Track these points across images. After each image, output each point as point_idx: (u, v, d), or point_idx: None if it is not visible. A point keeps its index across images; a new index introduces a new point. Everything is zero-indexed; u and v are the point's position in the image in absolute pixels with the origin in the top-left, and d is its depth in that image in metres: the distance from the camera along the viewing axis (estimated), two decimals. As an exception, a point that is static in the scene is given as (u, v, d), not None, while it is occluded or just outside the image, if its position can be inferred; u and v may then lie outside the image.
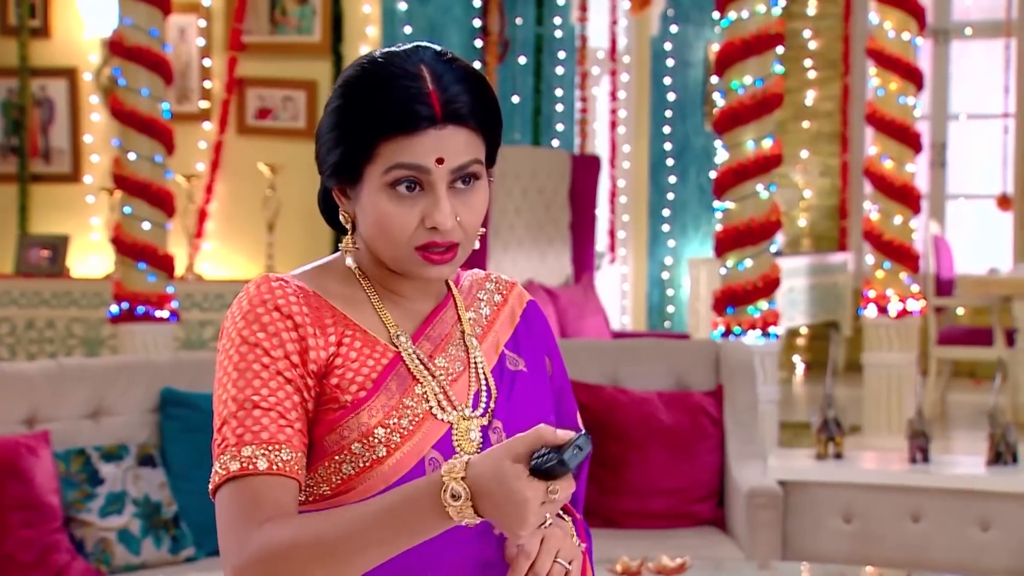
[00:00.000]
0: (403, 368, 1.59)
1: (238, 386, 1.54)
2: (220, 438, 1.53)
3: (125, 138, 5.86)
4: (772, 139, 5.73)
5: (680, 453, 4.51)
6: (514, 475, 1.41)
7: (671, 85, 9.52)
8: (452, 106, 1.54)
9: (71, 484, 3.97)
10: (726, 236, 5.71)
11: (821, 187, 10.43)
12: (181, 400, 4.29)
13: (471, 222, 1.58)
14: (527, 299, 1.75)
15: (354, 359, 1.58)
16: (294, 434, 1.53)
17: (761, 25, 5.68)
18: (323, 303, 1.60)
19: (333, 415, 1.55)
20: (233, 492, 1.50)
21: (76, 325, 7.13)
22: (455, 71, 1.56)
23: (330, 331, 1.58)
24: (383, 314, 1.62)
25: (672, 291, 9.68)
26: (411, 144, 1.54)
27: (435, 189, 1.55)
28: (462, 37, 7.77)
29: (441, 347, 1.63)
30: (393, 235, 1.56)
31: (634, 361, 4.73)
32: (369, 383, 1.57)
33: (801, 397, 9.07)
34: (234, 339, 1.56)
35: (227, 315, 1.59)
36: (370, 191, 1.57)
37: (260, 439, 1.51)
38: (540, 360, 1.71)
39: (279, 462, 1.51)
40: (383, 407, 1.56)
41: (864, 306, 6.60)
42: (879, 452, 5.36)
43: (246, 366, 1.54)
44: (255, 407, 1.52)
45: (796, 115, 10.33)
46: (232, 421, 1.52)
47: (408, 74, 1.55)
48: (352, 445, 1.54)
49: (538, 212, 7.37)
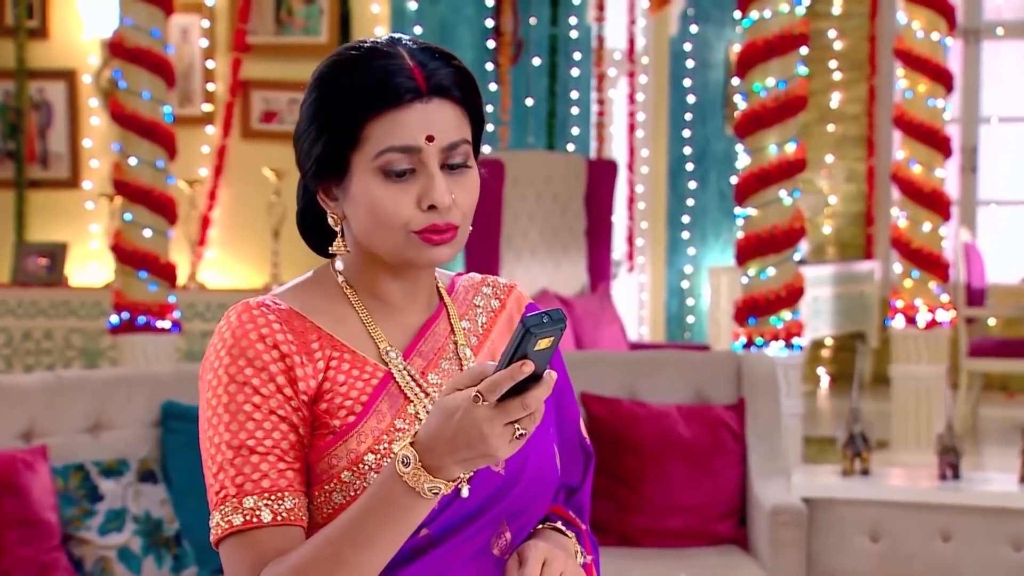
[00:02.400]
0: (394, 387, 1.58)
1: (231, 430, 1.52)
2: (218, 486, 1.52)
3: (126, 142, 5.88)
4: (796, 143, 5.73)
5: (700, 469, 4.51)
6: (453, 406, 1.39)
7: (691, 87, 9.52)
8: (435, 78, 1.55)
9: (70, 501, 3.98)
10: (748, 244, 5.71)
11: (847, 193, 10.41)
12: (183, 414, 4.30)
13: (467, 202, 1.58)
14: (526, 302, 1.74)
15: (342, 382, 1.57)
16: (295, 476, 1.53)
17: (784, 25, 5.68)
18: (308, 324, 1.58)
19: (323, 441, 1.55)
20: (237, 547, 1.51)
21: (75, 336, 7.15)
22: (431, 50, 1.58)
23: (317, 356, 1.57)
24: (372, 329, 1.61)
25: (692, 301, 9.67)
26: (398, 121, 1.54)
27: (428, 167, 1.55)
28: (474, 37, 7.79)
29: (434, 362, 1.62)
30: (389, 221, 1.55)
31: (652, 373, 4.73)
32: (358, 406, 1.56)
33: (826, 411, 9.05)
34: (221, 377, 1.54)
35: (209, 347, 1.58)
36: (360, 180, 1.56)
37: (261, 488, 1.51)
38: None
39: (283, 512, 1.51)
40: (373, 431, 1.55)
41: (892, 316, 6.58)
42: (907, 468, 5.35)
43: (237, 408, 1.53)
44: (252, 452, 1.52)
45: (821, 118, 10.33)
46: (229, 468, 1.52)
47: (386, 54, 1.56)
48: (342, 473, 1.54)
49: (553, 219, 7.38)
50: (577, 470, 1.73)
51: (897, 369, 6.57)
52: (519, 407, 1.38)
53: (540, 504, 1.63)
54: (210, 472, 1.54)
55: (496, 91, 7.83)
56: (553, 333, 1.36)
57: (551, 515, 1.69)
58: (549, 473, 1.63)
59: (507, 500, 1.59)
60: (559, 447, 1.68)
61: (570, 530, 1.68)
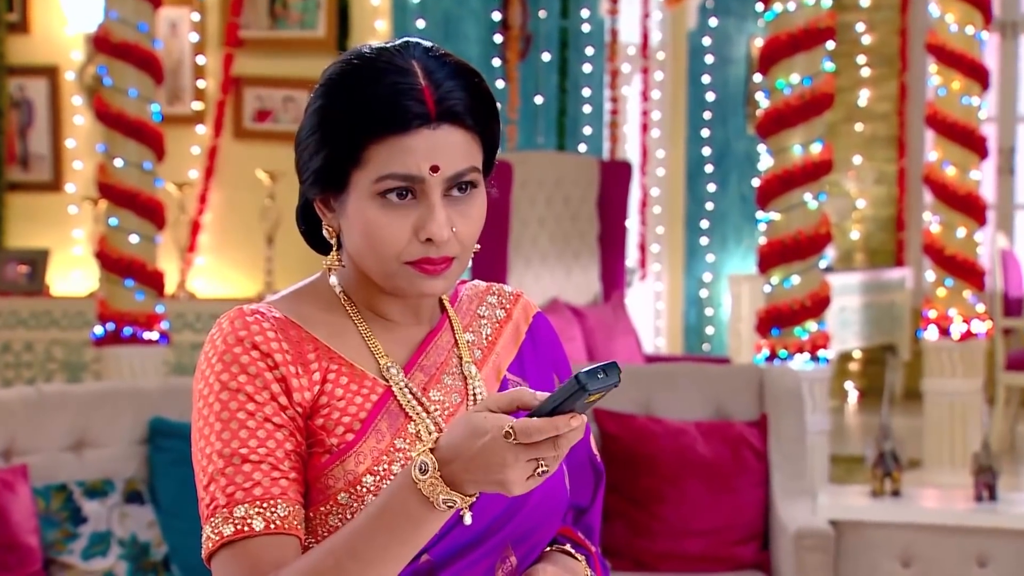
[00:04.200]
0: (394, 404, 1.58)
1: (223, 439, 1.53)
2: (208, 498, 1.52)
3: (111, 143, 5.90)
4: (822, 143, 5.73)
5: (720, 489, 4.51)
6: (483, 427, 1.39)
7: (710, 84, 9.53)
8: (446, 103, 1.54)
9: (51, 523, 3.98)
10: (771, 250, 5.71)
11: (876, 196, 10.41)
12: (172, 430, 4.31)
13: (468, 233, 1.57)
14: (534, 311, 1.74)
15: (340, 396, 1.57)
16: (290, 485, 1.53)
17: (810, 18, 5.68)
18: (304, 334, 1.59)
19: (319, 460, 1.55)
20: (230, 560, 1.50)
21: (57, 348, 7.17)
22: (448, 66, 1.56)
23: (313, 367, 1.57)
24: (371, 343, 1.61)
25: (711, 311, 9.67)
26: (402, 147, 1.53)
27: (429, 197, 1.55)
28: (480, 31, 7.80)
29: (436, 378, 1.62)
30: (383, 248, 1.55)
31: (669, 388, 4.74)
32: (357, 424, 1.56)
33: (854, 428, 9.04)
34: (212, 385, 1.55)
35: (201, 356, 1.58)
36: (357, 199, 1.56)
37: (253, 496, 1.51)
38: (547, 379, 1.70)
39: (276, 519, 1.50)
40: (372, 451, 1.55)
41: (924, 327, 6.58)
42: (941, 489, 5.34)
43: (230, 416, 1.53)
44: (244, 461, 1.51)
45: (848, 117, 10.33)
46: (220, 479, 1.51)
47: (398, 69, 1.54)
48: (339, 495, 1.54)
49: (563, 224, 7.38)
50: (587, 489, 1.74)
51: (930, 383, 6.56)
52: (550, 448, 1.39)
53: (548, 526, 1.64)
54: (201, 485, 1.54)
55: (504, 88, 7.84)
56: (605, 390, 1.37)
57: (559, 537, 1.69)
58: (558, 493, 1.63)
59: (513, 524, 1.59)
60: (568, 465, 1.68)
61: (580, 552, 1.68)
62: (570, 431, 1.39)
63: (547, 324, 1.75)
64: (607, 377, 1.37)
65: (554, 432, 1.38)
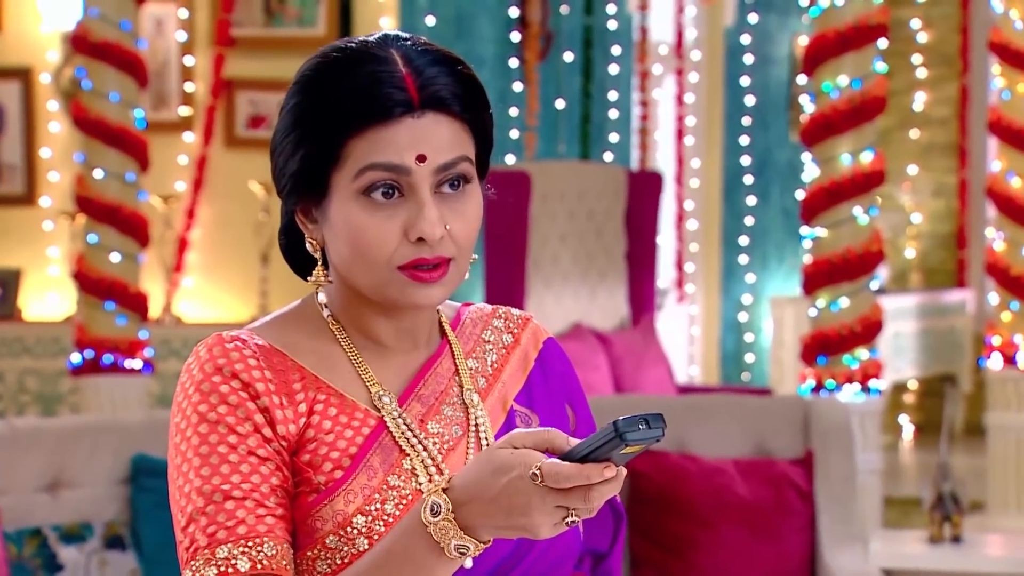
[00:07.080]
0: (387, 438, 1.58)
1: (202, 475, 1.53)
2: (188, 540, 1.52)
3: (90, 152, 5.92)
4: (873, 152, 5.74)
5: (761, 534, 4.50)
6: (507, 465, 1.39)
7: (750, 87, 9.54)
8: (430, 88, 1.55)
9: (24, 571, 4.00)
10: (817, 270, 5.72)
11: (933, 210, 10.41)
12: (156, 469, 4.32)
13: (464, 232, 1.57)
14: (544, 337, 1.74)
15: (328, 430, 1.57)
16: (276, 522, 1.53)
17: (860, 13, 5.69)
18: (289, 363, 1.59)
19: (305, 499, 1.56)
20: None
21: (30, 378, 7.19)
22: (430, 54, 1.58)
23: (299, 398, 1.58)
24: (363, 370, 1.61)
25: (751, 336, 9.67)
26: (384, 138, 1.54)
27: (417, 192, 1.55)
28: (496, 30, 7.83)
29: (435, 408, 1.62)
30: (371, 253, 1.55)
31: (704, 422, 4.73)
32: (346, 459, 1.56)
33: (909, 467, 9.02)
34: (190, 417, 1.55)
35: (177, 387, 1.59)
36: (340, 203, 1.56)
37: (237, 535, 1.51)
38: (559, 412, 1.70)
39: (263, 559, 1.51)
40: (363, 489, 1.55)
41: (987, 355, 6.57)
42: (1006, 535, 5.33)
43: (210, 449, 1.54)
44: (227, 497, 1.52)
45: (902, 123, 10.33)
46: (201, 518, 1.52)
47: (376, 58, 1.56)
48: (327, 538, 1.54)
49: (587, 240, 7.39)
50: (606, 533, 1.73)
51: (994, 417, 6.55)
52: (581, 499, 1.39)
53: (558, 575, 1.63)
54: (179, 527, 1.54)
55: (522, 92, 7.86)
56: (647, 443, 1.36)
57: (574, 586, 1.69)
58: (568, 538, 1.63)
59: (518, 570, 1.59)
60: None
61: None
62: (603, 482, 1.38)
63: (559, 351, 1.75)
64: (649, 429, 1.35)
65: (585, 481, 1.37)
